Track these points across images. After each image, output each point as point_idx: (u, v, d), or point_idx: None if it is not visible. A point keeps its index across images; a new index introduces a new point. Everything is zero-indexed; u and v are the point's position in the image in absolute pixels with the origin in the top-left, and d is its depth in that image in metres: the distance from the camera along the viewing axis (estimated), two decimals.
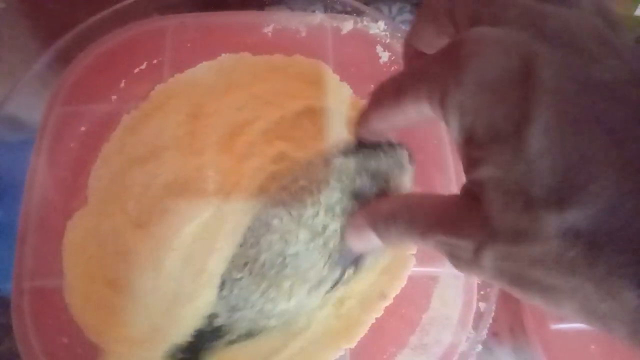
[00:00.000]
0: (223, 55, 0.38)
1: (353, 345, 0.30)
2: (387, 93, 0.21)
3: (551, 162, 0.15)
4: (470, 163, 0.18)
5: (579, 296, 0.16)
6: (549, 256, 0.16)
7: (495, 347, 0.49)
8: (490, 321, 0.30)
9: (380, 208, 0.24)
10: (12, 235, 0.34)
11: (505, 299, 0.45)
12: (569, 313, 0.16)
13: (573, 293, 0.16)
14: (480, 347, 0.30)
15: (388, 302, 0.30)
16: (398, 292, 0.30)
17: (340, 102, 0.37)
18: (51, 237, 0.33)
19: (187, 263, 0.31)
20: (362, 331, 0.30)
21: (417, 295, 0.31)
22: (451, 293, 0.31)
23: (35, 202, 0.34)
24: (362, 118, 0.24)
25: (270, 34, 0.38)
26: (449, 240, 0.19)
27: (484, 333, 0.30)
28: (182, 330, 0.30)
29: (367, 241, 0.25)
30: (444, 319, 0.30)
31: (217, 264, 0.31)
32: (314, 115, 0.37)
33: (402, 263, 0.32)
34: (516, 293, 0.18)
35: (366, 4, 0.60)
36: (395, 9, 0.61)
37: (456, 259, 0.19)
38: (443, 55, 0.18)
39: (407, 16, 0.61)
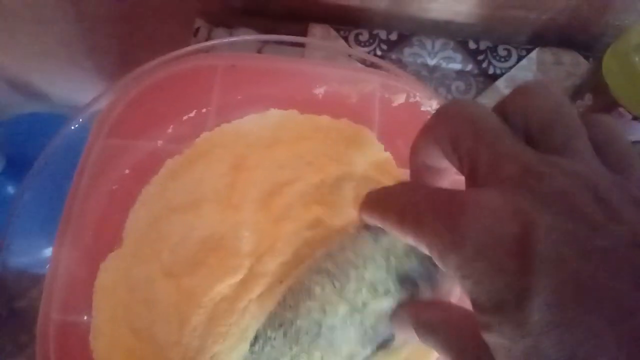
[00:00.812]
0: (272, 110, 0.38)
1: None
2: (391, 214, 0.22)
3: (556, 338, 0.15)
4: (480, 325, 0.18)
5: None
6: None
7: None
8: None
9: (422, 316, 0.25)
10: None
11: None
12: None
13: None
14: None
15: None
16: None
17: (383, 171, 0.38)
18: (83, 276, 0.33)
19: (212, 322, 0.31)
20: None
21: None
22: None
23: (70, 237, 0.34)
24: (365, 209, 0.26)
25: (321, 95, 0.38)
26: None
27: None
28: None
29: (408, 335, 0.26)
30: None
31: (240, 326, 0.31)
32: (354, 181, 0.37)
33: (425, 352, 0.32)
34: None
35: (410, 35, 0.60)
36: (438, 44, 0.61)
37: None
38: (444, 211, 0.19)
39: (450, 53, 0.61)
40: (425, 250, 0.20)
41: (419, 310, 0.26)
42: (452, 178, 0.26)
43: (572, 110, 0.20)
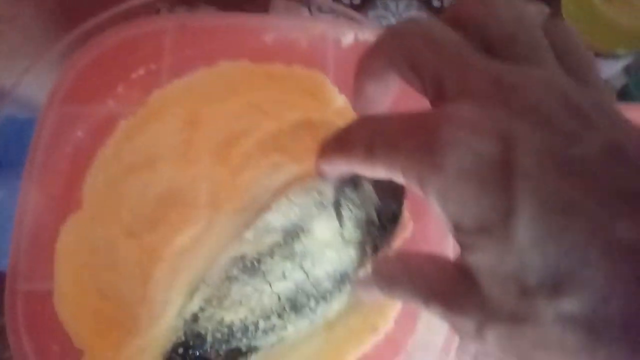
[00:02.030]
0: (222, 62, 0.37)
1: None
2: (357, 149, 0.20)
3: (542, 253, 0.15)
4: (462, 246, 0.17)
5: None
6: (550, 341, 0.16)
7: None
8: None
9: (382, 270, 0.24)
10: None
11: None
12: None
13: None
14: None
15: (378, 336, 0.30)
16: (391, 325, 0.31)
17: (339, 115, 0.37)
18: (45, 240, 0.33)
19: (175, 274, 0.31)
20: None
21: (404, 319, 0.31)
22: (437, 318, 0.31)
23: (31, 204, 0.34)
24: (325, 156, 0.23)
25: (270, 42, 0.38)
26: (451, 316, 0.19)
27: None
28: (164, 339, 0.30)
29: (374, 296, 0.25)
30: (428, 344, 0.31)
31: (204, 275, 0.31)
32: (311, 127, 0.37)
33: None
34: None
35: None
36: (402, 5, 0.60)
37: (460, 332, 0.19)
38: (418, 131, 0.18)
39: (414, 13, 0.61)
40: (400, 179, 0.19)
41: (379, 267, 0.25)
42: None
43: (533, 19, 0.20)
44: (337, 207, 0.28)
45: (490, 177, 0.16)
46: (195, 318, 0.29)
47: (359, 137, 0.20)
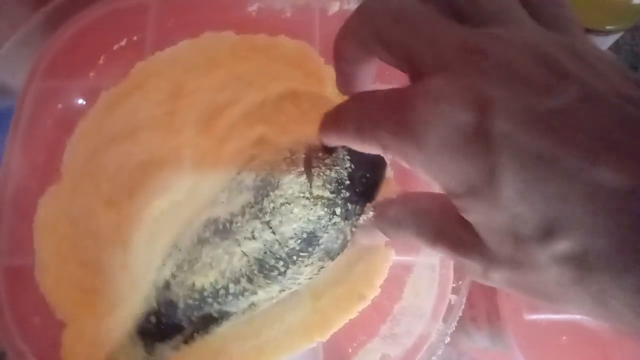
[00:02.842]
0: (205, 33, 0.37)
1: (326, 338, 0.30)
2: (348, 128, 0.21)
3: (529, 203, 0.16)
4: (458, 209, 0.19)
5: (581, 305, 0.17)
6: (549, 280, 0.17)
7: (474, 331, 0.50)
8: (460, 314, 0.30)
9: (387, 213, 0.25)
10: None
11: (482, 285, 0.45)
12: (572, 312, 0.19)
13: (576, 303, 0.17)
14: (448, 339, 0.30)
15: (366, 303, 0.30)
16: (377, 293, 0.30)
17: (325, 85, 0.37)
18: (26, 215, 0.32)
19: (153, 237, 0.31)
20: (337, 327, 0.30)
21: (390, 285, 0.31)
22: (424, 284, 0.31)
23: (12, 179, 0.33)
24: (322, 132, 0.24)
25: (254, 12, 0.37)
26: (457, 257, 0.20)
27: (453, 325, 0.30)
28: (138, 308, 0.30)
29: (375, 239, 0.26)
30: (415, 310, 0.31)
31: (184, 237, 0.31)
32: (297, 98, 0.37)
33: (380, 267, 0.32)
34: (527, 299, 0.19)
35: None
36: None
37: (468, 270, 0.20)
38: (397, 110, 0.18)
39: None
40: (390, 156, 0.20)
41: (383, 209, 0.26)
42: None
43: None
44: (308, 164, 0.28)
45: (469, 145, 0.17)
46: (167, 285, 0.29)
47: (348, 117, 0.21)
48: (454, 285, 0.31)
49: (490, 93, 0.16)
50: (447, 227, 0.20)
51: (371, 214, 0.27)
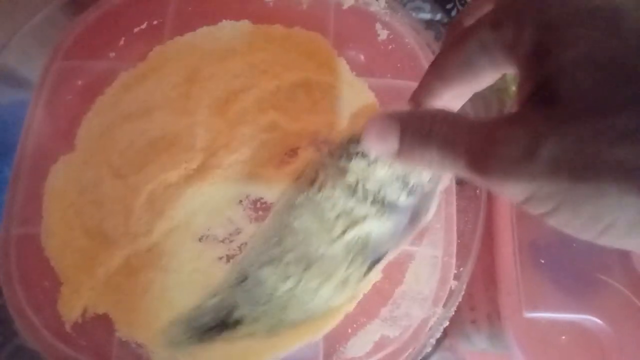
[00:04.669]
0: (223, 21, 0.38)
1: (326, 332, 0.31)
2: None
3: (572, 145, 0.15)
4: (548, 50, 0.16)
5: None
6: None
7: (474, 334, 0.49)
8: (460, 299, 0.31)
9: (414, 116, 0.20)
10: None
11: (485, 287, 0.45)
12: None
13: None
14: (447, 323, 0.30)
15: (357, 299, 0.31)
16: (380, 276, 0.31)
17: (336, 76, 0.38)
18: (41, 184, 0.33)
19: (155, 208, 0.32)
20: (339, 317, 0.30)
21: (392, 270, 0.31)
22: (425, 270, 0.31)
23: (29, 151, 0.34)
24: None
25: (271, 4, 0.38)
26: (495, 147, 0.16)
27: (452, 310, 0.30)
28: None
29: (385, 145, 0.21)
30: (416, 294, 0.31)
31: (186, 210, 0.32)
32: (309, 88, 0.38)
33: None
34: (562, 194, 0.16)
35: None
36: None
37: (497, 164, 0.16)
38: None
39: (419, 3, 0.61)
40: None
41: (405, 115, 0.21)
42: None
43: None
44: None
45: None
46: (244, 279, 0.29)
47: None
48: (455, 272, 0.31)
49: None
50: (486, 128, 0.17)
51: None
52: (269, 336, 0.29)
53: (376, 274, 0.32)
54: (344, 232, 0.28)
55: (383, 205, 0.28)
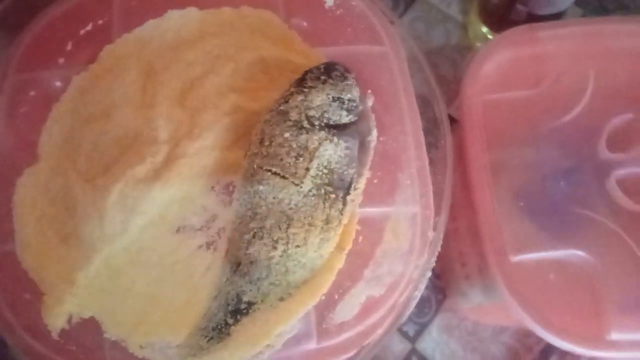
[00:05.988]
0: (169, 11, 0.37)
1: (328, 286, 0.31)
2: None
3: None
4: None
5: None
6: None
7: (468, 289, 0.50)
8: (439, 249, 0.31)
9: None
10: None
11: (472, 241, 0.45)
12: None
13: None
14: (430, 273, 0.30)
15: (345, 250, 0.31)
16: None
17: (291, 51, 0.38)
18: (9, 199, 0.33)
19: (127, 205, 0.31)
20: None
21: (370, 232, 0.32)
22: (402, 226, 0.31)
23: None
24: None
25: None
26: None
27: (433, 260, 0.31)
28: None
29: None
30: (396, 251, 0.31)
31: (158, 203, 0.32)
32: (266, 65, 0.37)
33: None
34: None
35: None
36: None
37: None
38: None
39: None
40: None
41: None
42: None
43: None
44: None
45: None
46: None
47: None
48: (431, 222, 0.31)
49: None
50: None
51: None
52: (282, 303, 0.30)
53: (353, 210, 0.31)
54: (307, 169, 0.29)
55: (330, 127, 0.29)
